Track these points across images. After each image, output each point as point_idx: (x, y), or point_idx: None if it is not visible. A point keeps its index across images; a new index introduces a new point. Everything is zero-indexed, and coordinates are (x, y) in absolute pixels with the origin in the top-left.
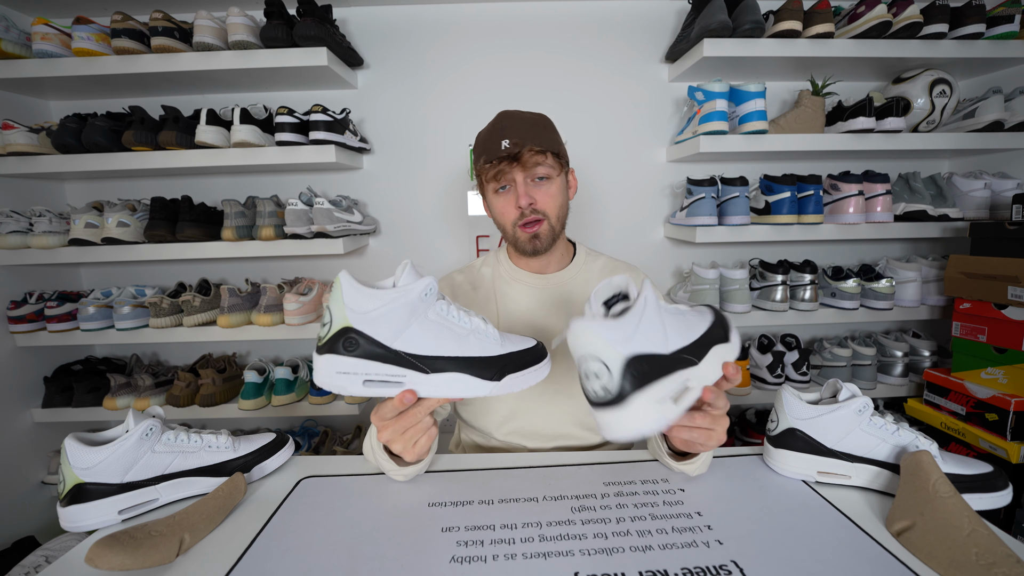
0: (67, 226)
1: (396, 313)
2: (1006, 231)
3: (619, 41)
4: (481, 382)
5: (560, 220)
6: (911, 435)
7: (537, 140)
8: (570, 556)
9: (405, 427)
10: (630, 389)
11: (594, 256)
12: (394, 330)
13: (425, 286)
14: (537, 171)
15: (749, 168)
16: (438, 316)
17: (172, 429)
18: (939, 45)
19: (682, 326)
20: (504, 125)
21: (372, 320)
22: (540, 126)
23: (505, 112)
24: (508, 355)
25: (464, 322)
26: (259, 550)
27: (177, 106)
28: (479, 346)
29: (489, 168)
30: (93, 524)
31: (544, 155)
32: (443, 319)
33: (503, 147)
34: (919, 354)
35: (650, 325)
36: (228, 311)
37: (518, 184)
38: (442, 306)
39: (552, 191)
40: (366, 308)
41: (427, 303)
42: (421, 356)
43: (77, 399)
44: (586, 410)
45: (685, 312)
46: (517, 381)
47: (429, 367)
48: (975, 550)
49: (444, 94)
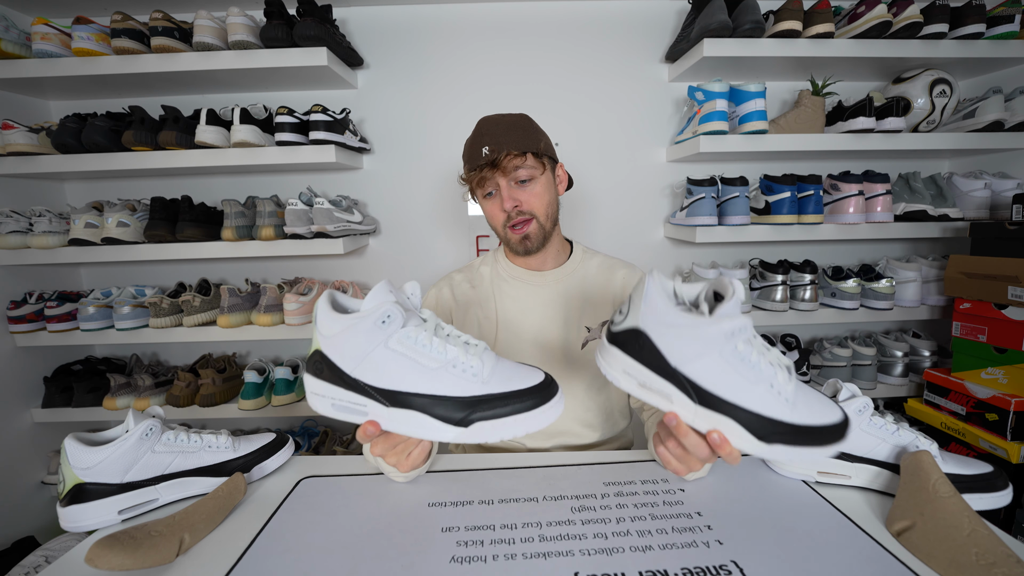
0: (67, 226)
1: (354, 340)
2: (1006, 231)
3: (619, 41)
4: (443, 426)
5: (550, 217)
6: (911, 435)
7: (514, 143)
8: (570, 556)
9: (393, 444)
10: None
11: (591, 254)
12: (354, 357)
13: (379, 313)
14: (518, 174)
15: (749, 168)
16: (401, 345)
17: (172, 429)
18: (939, 45)
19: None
20: (483, 132)
21: (335, 345)
22: (519, 127)
23: (484, 118)
24: (486, 397)
25: (436, 353)
26: (259, 550)
27: (177, 106)
28: (451, 382)
29: (473, 176)
30: (93, 524)
31: (523, 157)
32: (409, 349)
33: (483, 154)
34: (919, 354)
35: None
36: (228, 311)
37: (502, 188)
38: (409, 334)
39: (537, 191)
40: (331, 332)
41: (386, 331)
42: (380, 388)
43: (77, 399)
44: (585, 407)
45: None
46: (490, 430)
47: (389, 400)
48: (975, 550)
49: (444, 94)
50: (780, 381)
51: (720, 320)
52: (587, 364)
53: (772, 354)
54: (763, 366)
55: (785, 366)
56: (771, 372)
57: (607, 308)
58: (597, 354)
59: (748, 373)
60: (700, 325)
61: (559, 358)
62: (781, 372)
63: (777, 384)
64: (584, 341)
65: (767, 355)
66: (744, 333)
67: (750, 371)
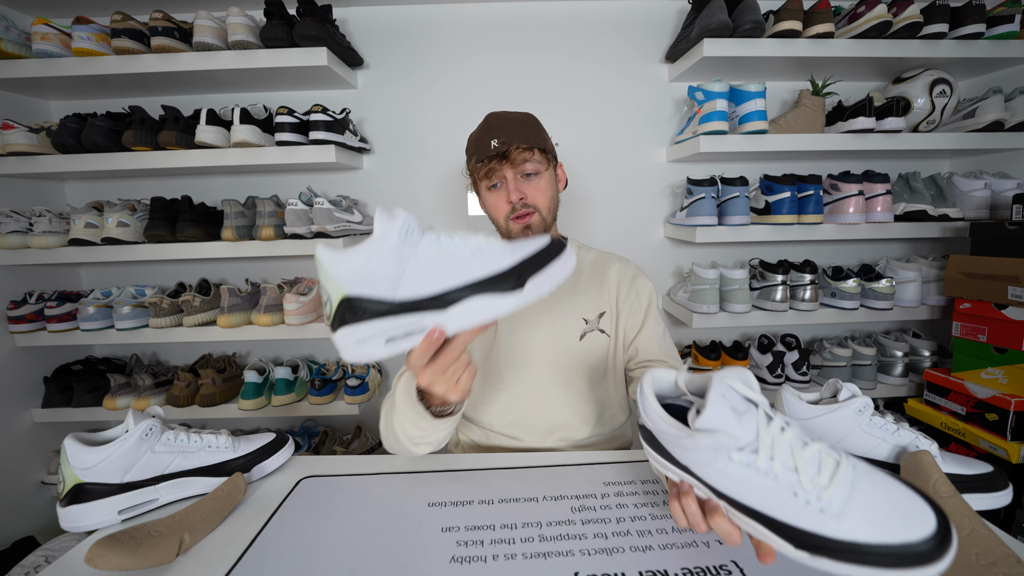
0: (67, 226)
1: (384, 264)
2: (1006, 231)
3: (619, 41)
4: (503, 297)
5: (551, 212)
6: (911, 435)
7: (524, 138)
8: (570, 556)
9: (444, 366)
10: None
11: (586, 250)
12: (390, 281)
13: (401, 226)
14: (525, 167)
15: (749, 168)
16: (430, 250)
17: (172, 429)
18: (939, 45)
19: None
20: (492, 125)
21: (364, 280)
22: (526, 125)
23: (493, 113)
24: (522, 262)
25: (462, 246)
26: (259, 550)
27: (177, 106)
28: (487, 264)
29: (480, 167)
30: (93, 524)
31: (531, 152)
32: (437, 251)
33: (492, 146)
34: (919, 354)
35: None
36: (228, 311)
37: (508, 180)
38: (431, 238)
39: (541, 185)
40: (354, 270)
41: (411, 242)
42: (430, 297)
43: (77, 399)
44: (584, 399)
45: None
46: (542, 282)
47: (443, 304)
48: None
49: (444, 94)
50: (807, 486)
51: (697, 436)
52: (585, 356)
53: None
54: (779, 472)
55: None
56: (791, 479)
57: (603, 300)
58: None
59: (762, 481)
60: (682, 438)
61: (558, 350)
62: (809, 474)
63: (804, 492)
64: (582, 333)
65: (784, 457)
66: (731, 446)
67: (763, 479)
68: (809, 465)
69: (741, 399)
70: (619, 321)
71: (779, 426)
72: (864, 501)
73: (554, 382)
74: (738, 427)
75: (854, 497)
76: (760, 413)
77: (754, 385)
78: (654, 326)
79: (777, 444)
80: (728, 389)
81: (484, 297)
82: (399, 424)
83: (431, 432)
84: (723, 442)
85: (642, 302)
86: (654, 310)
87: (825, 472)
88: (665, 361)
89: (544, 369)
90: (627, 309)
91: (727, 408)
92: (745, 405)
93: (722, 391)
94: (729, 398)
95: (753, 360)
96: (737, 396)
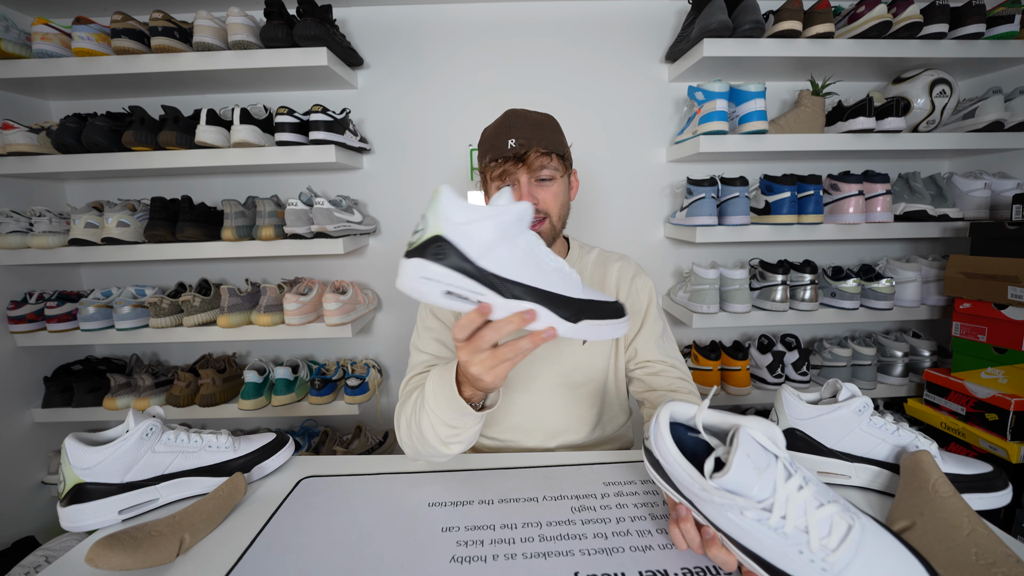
0: (67, 226)
1: (489, 231)
2: (1006, 231)
3: (619, 41)
4: (556, 319)
5: (561, 219)
6: (911, 435)
7: (543, 142)
8: (570, 556)
9: (479, 345)
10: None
11: (587, 249)
12: (483, 247)
13: (521, 210)
14: (542, 172)
15: (749, 168)
16: (528, 245)
17: (172, 429)
18: (939, 45)
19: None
20: (511, 124)
21: (465, 233)
22: (547, 127)
23: (513, 111)
24: (588, 301)
25: (550, 259)
26: (259, 550)
27: (177, 106)
28: (561, 285)
29: (494, 167)
30: (93, 524)
31: (549, 157)
32: (532, 249)
33: (509, 146)
34: (919, 354)
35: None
36: (228, 311)
37: (522, 184)
38: (532, 238)
39: (555, 191)
40: (462, 219)
41: (520, 228)
42: (504, 279)
43: (77, 399)
44: (586, 402)
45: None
46: (594, 329)
47: (508, 292)
48: (975, 550)
49: (444, 94)
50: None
51: (715, 493)
52: (588, 358)
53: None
54: (790, 532)
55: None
56: (801, 538)
57: None
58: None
59: (771, 535)
60: (696, 487)
61: (561, 354)
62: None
63: (810, 552)
64: None
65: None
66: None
67: (772, 534)
68: (821, 527)
69: (763, 452)
70: None
71: (797, 484)
72: (864, 565)
73: (556, 386)
74: (756, 486)
75: (856, 561)
76: (780, 467)
77: (779, 440)
78: (654, 325)
79: (792, 503)
80: (753, 445)
81: (541, 308)
82: (428, 424)
83: (463, 429)
84: (740, 504)
85: (642, 301)
86: (654, 309)
87: (835, 536)
88: (664, 361)
89: (546, 373)
90: (627, 309)
91: (750, 467)
92: (766, 460)
93: (747, 450)
94: (753, 456)
95: (753, 360)
96: (760, 450)
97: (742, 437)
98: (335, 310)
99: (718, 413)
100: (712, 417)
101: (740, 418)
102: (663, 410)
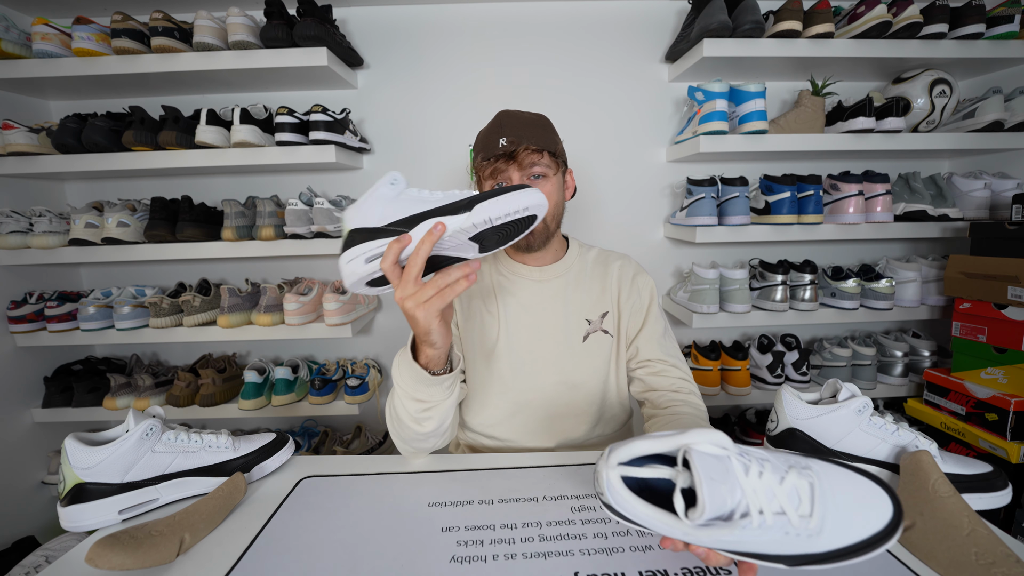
0: (67, 226)
1: (373, 203)
2: (1006, 231)
3: (619, 41)
4: (455, 216)
5: (555, 218)
6: (911, 435)
7: (534, 139)
8: (570, 556)
9: (412, 274)
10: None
11: (586, 248)
12: (378, 216)
13: (389, 179)
14: (533, 170)
15: (749, 168)
16: (410, 197)
17: (172, 429)
18: (939, 45)
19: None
20: (503, 124)
21: (360, 214)
22: (538, 126)
23: (505, 111)
24: (481, 193)
25: (439, 194)
26: (259, 550)
27: (177, 106)
28: (451, 199)
29: (486, 165)
30: (93, 524)
31: (540, 154)
32: (416, 196)
33: (500, 145)
34: (919, 354)
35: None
36: (228, 311)
37: (514, 181)
38: (414, 192)
39: (548, 189)
40: (355, 209)
41: (396, 190)
42: (399, 220)
43: (77, 399)
44: (587, 400)
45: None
46: (490, 206)
47: (410, 224)
48: (975, 550)
49: (444, 94)
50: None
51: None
52: (589, 357)
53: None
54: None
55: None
56: (782, 522)
57: (605, 300)
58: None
59: (757, 534)
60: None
61: (561, 353)
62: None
63: (794, 529)
64: (585, 334)
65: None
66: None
67: (758, 533)
68: (791, 501)
69: (716, 461)
70: (621, 320)
71: (756, 472)
72: (834, 511)
73: (557, 384)
74: (728, 498)
75: (826, 511)
76: (736, 466)
77: (725, 441)
78: (655, 324)
79: (760, 493)
80: (707, 461)
81: (441, 217)
82: (400, 404)
83: (429, 402)
84: (724, 527)
85: (643, 300)
86: (655, 308)
87: (805, 501)
88: (665, 360)
89: (547, 372)
90: (629, 308)
91: (717, 486)
92: (723, 467)
93: (708, 473)
94: (714, 473)
95: (753, 360)
96: (714, 461)
97: (696, 459)
98: (335, 310)
99: (651, 439)
100: (650, 446)
101: (680, 437)
102: (611, 474)
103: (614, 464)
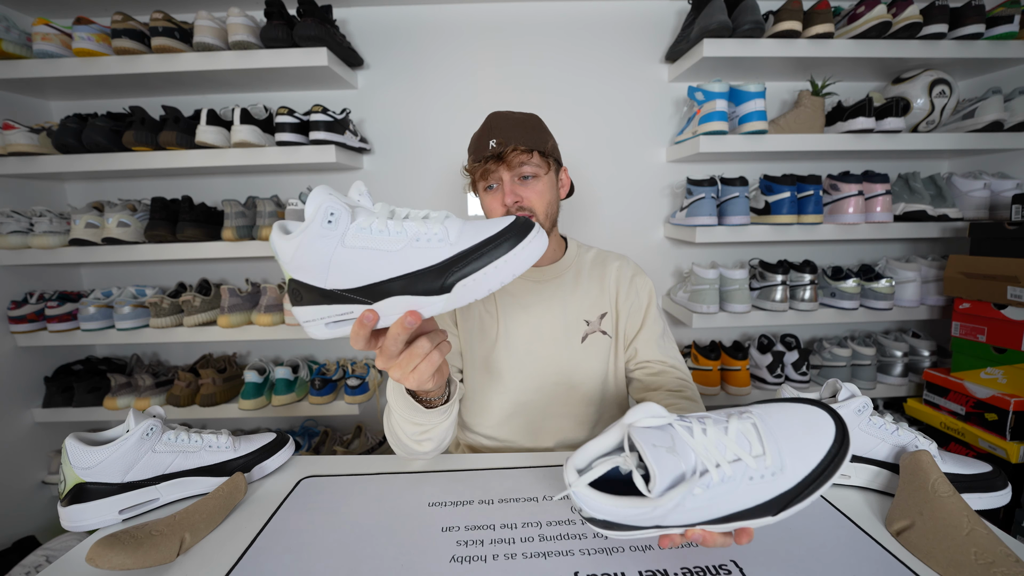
0: (67, 226)
1: (311, 251)
2: (1006, 231)
3: (619, 41)
4: (427, 299)
5: (549, 217)
6: (910, 435)
7: (522, 140)
8: (570, 556)
9: (390, 352)
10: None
11: (585, 249)
12: (319, 270)
13: (322, 214)
14: (523, 170)
15: (749, 168)
16: (359, 240)
17: (172, 429)
18: (939, 45)
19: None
20: (492, 125)
21: (298, 267)
22: (527, 126)
23: (495, 113)
24: (457, 256)
25: (396, 235)
26: (259, 550)
27: (177, 106)
28: (420, 256)
29: (477, 167)
30: (94, 524)
31: (529, 154)
32: (367, 241)
33: (490, 147)
34: (919, 354)
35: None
36: (228, 311)
37: (505, 183)
38: (362, 226)
39: (539, 188)
40: (289, 255)
41: (337, 230)
42: (356, 288)
43: (77, 399)
44: (585, 401)
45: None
46: (473, 286)
47: (370, 296)
48: (974, 549)
49: (444, 94)
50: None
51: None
52: (587, 358)
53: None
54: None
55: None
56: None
57: (603, 301)
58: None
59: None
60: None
61: (560, 354)
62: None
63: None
64: (583, 335)
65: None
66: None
67: (724, 486)
68: (741, 446)
69: (659, 432)
70: (619, 321)
71: (700, 430)
72: (786, 442)
73: (556, 385)
74: (681, 462)
75: (778, 444)
76: (679, 431)
77: (658, 411)
78: (654, 325)
79: (712, 449)
80: (649, 433)
81: (408, 297)
82: (397, 425)
83: (426, 426)
84: (685, 490)
85: (642, 301)
86: (654, 309)
87: (753, 441)
88: (664, 361)
89: (546, 373)
90: (627, 309)
91: (664, 454)
92: (667, 434)
93: (651, 441)
94: (658, 441)
95: (753, 360)
96: (657, 432)
97: (637, 435)
98: None
99: (599, 438)
100: (601, 444)
101: (620, 422)
102: (579, 486)
103: (573, 471)
